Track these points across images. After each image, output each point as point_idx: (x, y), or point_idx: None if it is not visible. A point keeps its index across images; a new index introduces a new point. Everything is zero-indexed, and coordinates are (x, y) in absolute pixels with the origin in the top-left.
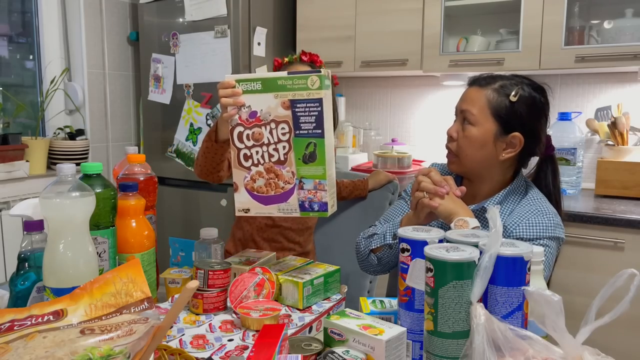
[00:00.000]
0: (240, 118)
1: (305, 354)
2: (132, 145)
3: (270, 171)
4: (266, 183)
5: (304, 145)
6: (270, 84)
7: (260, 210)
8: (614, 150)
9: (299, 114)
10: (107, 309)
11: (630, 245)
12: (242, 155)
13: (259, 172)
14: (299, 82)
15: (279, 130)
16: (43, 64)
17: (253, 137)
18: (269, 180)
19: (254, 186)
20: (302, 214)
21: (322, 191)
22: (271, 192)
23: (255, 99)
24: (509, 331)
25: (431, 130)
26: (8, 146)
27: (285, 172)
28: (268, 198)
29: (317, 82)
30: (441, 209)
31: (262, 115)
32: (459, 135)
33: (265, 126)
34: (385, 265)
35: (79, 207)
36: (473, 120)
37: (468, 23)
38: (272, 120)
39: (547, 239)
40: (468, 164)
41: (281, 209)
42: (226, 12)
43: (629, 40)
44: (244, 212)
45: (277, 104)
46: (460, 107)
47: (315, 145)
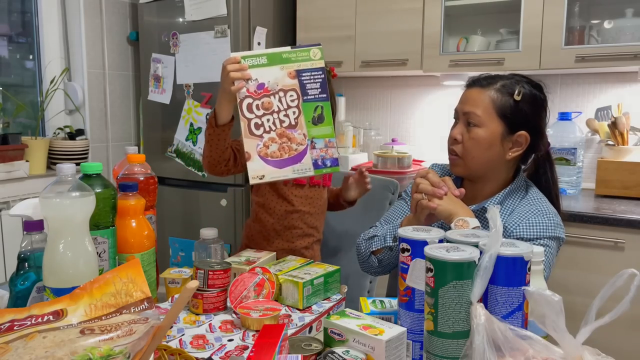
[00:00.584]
0: (249, 91)
1: (305, 354)
2: (132, 145)
3: (282, 136)
4: (280, 147)
5: (312, 109)
6: (275, 58)
7: (275, 174)
8: (614, 150)
9: (305, 82)
10: (107, 309)
11: (630, 245)
12: (252, 125)
13: (271, 138)
14: (303, 55)
15: (287, 98)
16: (43, 64)
17: (263, 106)
18: (282, 145)
19: (268, 152)
20: (316, 172)
21: (332, 148)
22: (285, 155)
23: (261, 72)
24: (509, 331)
25: (431, 130)
26: (8, 146)
27: (297, 134)
28: (283, 161)
29: (318, 53)
30: (440, 210)
31: (270, 86)
32: (464, 138)
33: (274, 95)
34: (386, 266)
35: (79, 207)
36: (478, 122)
37: (468, 23)
38: (280, 89)
39: (548, 238)
40: (474, 165)
41: (296, 170)
42: (226, 12)
43: (629, 40)
44: (258, 179)
45: (283, 75)
46: (463, 109)
47: (322, 108)
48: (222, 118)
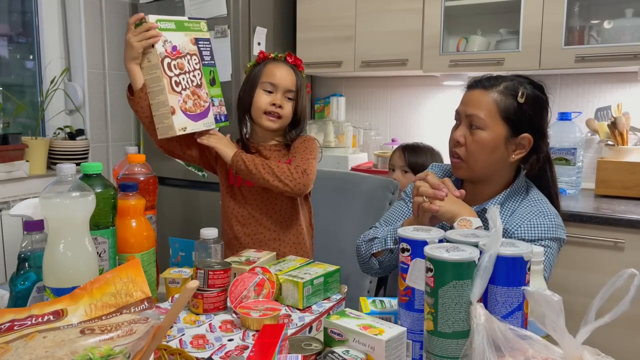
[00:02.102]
0: (167, 51)
1: (305, 354)
2: (132, 145)
3: (194, 94)
4: (194, 103)
5: (208, 72)
6: (180, 25)
7: (194, 127)
8: (614, 150)
9: (201, 49)
10: (107, 309)
11: (630, 245)
12: (173, 82)
13: (187, 95)
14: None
15: (192, 61)
16: (43, 64)
17: (178, 66)
18: (195, 101)
19: (187, 107)
20: (217, 125)
21: (222, 106)
22: (198, 110)
23: (173, 35)
24: (509, 331)
25: (431, 130)
26: (8, 146)
27: (203, 93)
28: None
29: (205, 26)
30: (442, 211)
31: (181, 49)
32: (467, 141)
33: (184, 57)
34: (387, 268)
35: (79, 207)
36: (482, 125)
37: (468, 23)
38: (187, 53)
39: (549, 239)
40: (478, 169)
41: (205, 123)
42: (226, 12)
43: (629, 40)
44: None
45: (187, 41)
46: (466, 111)
47: (213, 72)
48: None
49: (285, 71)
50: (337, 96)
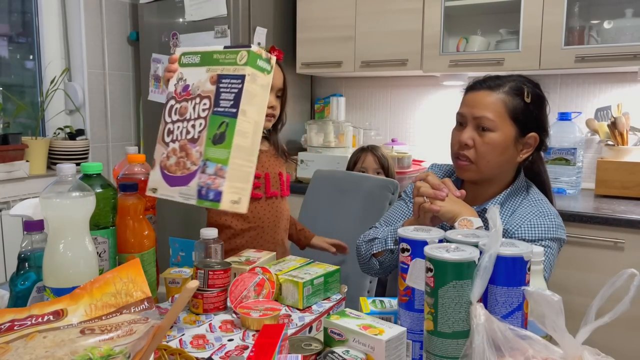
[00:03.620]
0: (176, 91)
1: (305, 354)
2: (132, 145)
3: (183, 149)
4: (176, 162)
5: (217, 124)
6: (207, 58)
7: (165, 192)
8: (614, 150)
9: (221, 90)
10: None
11: (630, 245)
12: (166, 130)
13: (174, 149)
14: (230, 57)
15: (201, 106)
16: (43, 64)
17: (179, 111)
18: (179, 159)
19: (167, 164)
20: (198, 202)
21: (220, 178)
22: (178, 172)
23: (191, 72)
24: (509, 331)
25: (431, 130)
26: (8, 146)
27: (195, 151)
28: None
29: (245, 57)
30: (443, 211)
31: (192, 89)
32: (476, 142)
33: (191, 100)
34: (387, 268)
35: (79, 207)
36: (492, 126)
37: (468, 23)
38: (198, 94)
39: (549, 240)
40: (488, 170)
41: (182, 193)
42: (226, 12)
43: (629, 40)
44: (152, 191)
45: (206, 79)
46: (473, 114)
47: (227, 125)
48: None
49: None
50: (337, 96)
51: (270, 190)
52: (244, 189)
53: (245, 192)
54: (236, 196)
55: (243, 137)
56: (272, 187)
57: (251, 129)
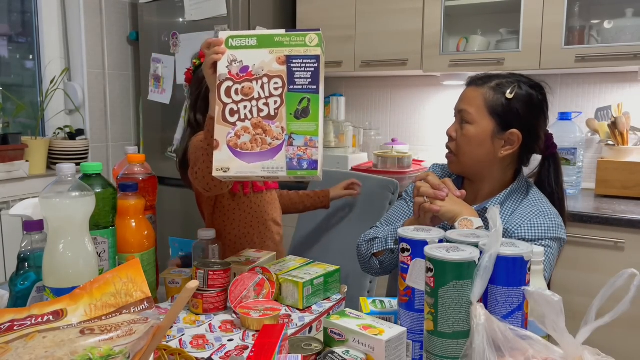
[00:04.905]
0: (230, 73)
1: (305, 354)
2: (132, 145)
3: (258, 126)
4: (252, 139)
5: (297, 101)
6: (266, 40)
7: (242, 170)
8: (614, 150)
9: (294, 70)
10: (107, 309)
11: (630, 245)
12: (228, 111)
13: (245, 127)
14: (297, 40)
15: (271, 85)
16: (43, 64)
17: (242, 91)
18: (256, 137)
19: (238, 142)
20: (289, 173)
21: (313, 148)
22: (257, 148)
23: (248, 54)
24: (509, 331)
25: (431, 130)
26: (8, 146)
27: (275, 127)
28: (253, 155)
29: (315, 39)
30: (443, 211)
31: (255, 70)
32: (457, 135)
33: (256, 81)
34: (387, 268)
35: (79, 207)
36: (470, 119)
37: (468, 23)
38: (264, 75)
39: (549, 239)
40: (467, 162)
41: (266, 167)
42: (226, 12)
43: (629, 40)
44: (222, 171)
45: (272, 59)
46: (458, 107)
47: (309, 100)
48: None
49: None
50: (337, 96)
51: (259, 186)
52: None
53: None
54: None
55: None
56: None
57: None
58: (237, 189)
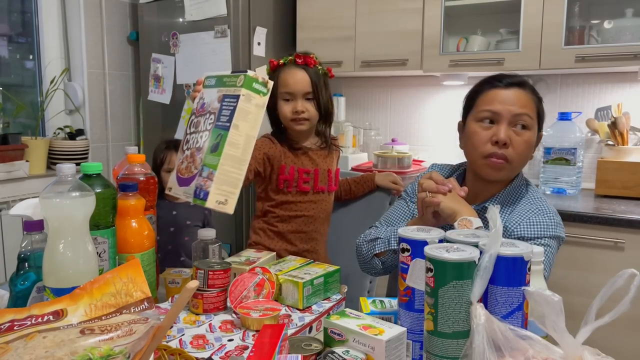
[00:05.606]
0: (196, 108)
1: (305, 354)
2: (132, 145)
3: (192, 156)
4: (186, 166)
5: (215, 136)
6: (220, 81)
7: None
8: (614, 150)
9: (223, 107)
10: (107, 309)
11: (630, 245)
12: (185, 140)
13: (187, 156)
14: (233, 80)
15: (208, 120)
16: (43, 64)
17: (195, 124)
18: (188, 164)
19: (180, 168)
20: (193, 200)
21: (209, 180)
22: (186, 175)
23: (209, 92)
24: (509, 331)
25: (431, 130)
26: (8, 146)
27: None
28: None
29: (242, 80)
30: (443, 207)
31: (206, 107)
32: (513, 141)
33: (203, 116)
34: (389, 268)
35: (79, 207)
36: (529, 124)
37: (468, 23)
38: (209, 111)
39: (549, 238)
40: (519, 169)
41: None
42: (226, 12)
43: (629, 40)
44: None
45: (216, 98)
46: (512, 111)
47: (221, 136)
48: None
49: (298, 76)
50: (337, 96)
51: (318, 186)
52: (231, 192)
53: (233, 195)
54: (222, 197)
55: (234, 147)
56: (319, 182)
57: (242, 141)
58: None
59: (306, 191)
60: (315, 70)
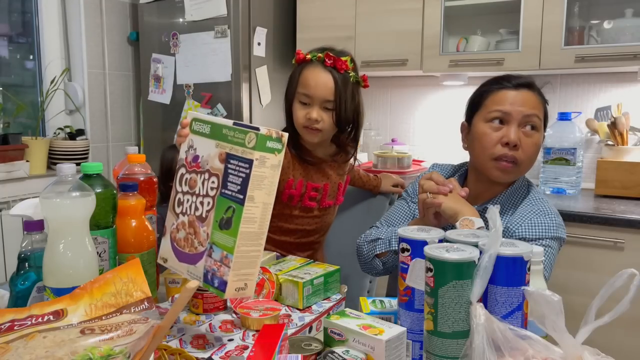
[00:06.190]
0: (187, 159)
1: (305, 354)
2: (132, 145)
3: (191, 225)
4: (185, 237)
5: (224, 208)
6: (216, 131)
7: (174, 265)
8: (613, 150)
9: (229, 171)
10: (107, 309)
11: (630, 245)
12: (176, 200)
13: (183, 222)
14: (239, 136)
15: (209, 183)
16: (43, 64)
17: (189, 183)
18: (188, 235)
19: (176, 236)
20: (204, 285)
21: (225, 267)
22: (187, 249)
23: (201, 142)
24: (509, 331)
25: (431, 130)
26: (8, 146)
27: (203, 231)
28: (183, 255)
29: (253, 140)
30: (445, 207)
31: (202, 162)
32: (523, 143)
33: (201, 174)
34: (389, 268)
35: (79, 207)
36: (538, 125)
37: (468, 23)
38: (207, 170)
39: (550, 239)
40: (526, 171)
41: (190, 271)
42: (226, 12)
43: (629, 40)
44: (162, 260)
45: (215, 154)
46: (523, 112)
47: (234, 210)
48: None
49: (321, 78)
50: None
51: (326, 201)
52: (250, 274)
53: (252, 276)
54: (242, 283)
55: (250, 223)
56: (328, 197)
57: (259, 213)
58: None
59: (311, 207)
60: (344, 77)
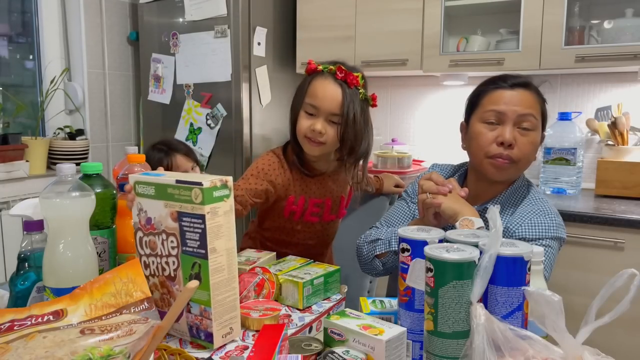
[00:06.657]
0: (140, 222)
1: (305, 354)
2: (132, 145)
3: (163, 286)
4: (161, 297)
5: (190, 264)
6: (161, 191)
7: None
8: (614, 150)
9: (185, 229)
10: (107, 309)
11: (630, 245)
12: (143, 263)
13: (155, 283)
14: (185, 194)
15: (169, 243)
16: (43, 64)
17: (149, 245)
18: (163, 296)
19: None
20: (192, 340)
21: (207, 319)
22: (165, 308)
23: (150, 204)
24: (509, 331)
25: (431, 130)
26: (8, 146)
27: (176, 290)
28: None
29: (199, 195)
30: (444, 207)
31: (156, 224)
32: (519, 142)
33: (158, 235)
34: (389, 269)
35: (79, 207)
36: (534, 125)
37: (468, 23)
38: (163, 230)
39: (550, 239)
40: (523, 169)
41: (175, 329)
42: (226, 12)
43: (629, 40)
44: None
45: (167, 214)
46: (518, 111)
47: (200, 266)
48: None
49: (329, 91)
50: None
51: (329, 215)
52: (233, 317)
53: (235, 318)
54: (227, 329)
55: (219, 272)
56: (331, 211)
57: (225, 260)
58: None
59: (313, 222)
60: (353, 92)
